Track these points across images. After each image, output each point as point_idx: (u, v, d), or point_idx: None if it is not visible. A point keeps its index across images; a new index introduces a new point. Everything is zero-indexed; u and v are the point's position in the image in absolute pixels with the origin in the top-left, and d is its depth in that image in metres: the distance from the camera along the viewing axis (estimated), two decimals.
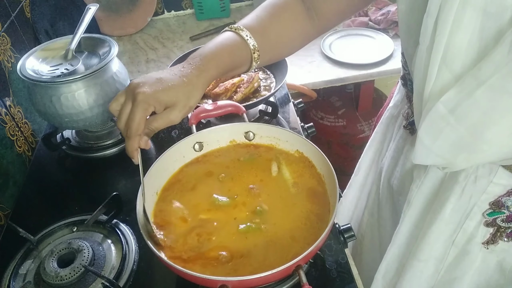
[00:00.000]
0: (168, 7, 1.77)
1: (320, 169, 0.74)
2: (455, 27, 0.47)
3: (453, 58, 0.49)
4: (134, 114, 0.57)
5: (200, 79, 0.62)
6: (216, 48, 0.65)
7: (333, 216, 0.62)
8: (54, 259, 0.71)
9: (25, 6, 1.17)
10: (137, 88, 0.57)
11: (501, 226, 0.62)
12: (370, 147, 0.97)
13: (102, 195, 0.80)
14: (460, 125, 0.51)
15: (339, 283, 0.68)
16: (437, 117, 0.52)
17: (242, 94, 1.00)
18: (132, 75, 1.43)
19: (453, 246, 0.68)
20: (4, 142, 0.92)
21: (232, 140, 0.82)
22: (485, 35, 0.46)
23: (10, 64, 1.02)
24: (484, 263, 0.67)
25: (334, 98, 1.76)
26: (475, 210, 0.63)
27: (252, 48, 0.67)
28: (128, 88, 0.59)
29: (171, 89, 0.59)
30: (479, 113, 0.49)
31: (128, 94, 0.59)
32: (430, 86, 0.52)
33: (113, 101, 0.60)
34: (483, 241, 0.65)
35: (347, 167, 1.74)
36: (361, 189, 1.02)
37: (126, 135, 0.59)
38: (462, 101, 0.49)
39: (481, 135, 0.50)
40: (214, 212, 0.70)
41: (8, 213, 0.89)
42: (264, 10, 0.72)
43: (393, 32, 1.54)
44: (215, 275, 0.59)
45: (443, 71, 0.50)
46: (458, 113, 0.50)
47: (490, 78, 0.46)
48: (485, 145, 0.51)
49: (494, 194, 0.61)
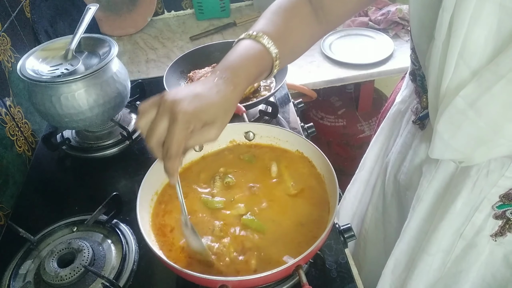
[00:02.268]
0: (168, 7, 1.77)
1: (320, 169, 0.74)
2: (473, 21, 0.47)
3: (471, 53, 0.49)
4: (175, 135, 0.51)
5: (235, 94, 0.57)
6: (243, 60, 0.61)
7: (333, 216, 0.62)
8: (54, 259, 0.71)
9: (25, 6, 1.17)
10: (176, 106, 0.51)
11: (510, 218, 0.63)
12: (376, 143, 0.97)
13: (102, 195, 0.80)
14: (480, 119, 0.51)
15: (339, 283, 0.68)
16: (456, 111, 0.52)
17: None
18: (132, 75, 1.43)
19: (461, 239, 0.68)
20: (4, 142, 0.92)
21: (232, 140, 0.82)
22: (502, 31, 0.47)
23: (10, 64, 1.02)
24: (491, 256, 0.67)
25: (334, 98, 1.76)
26: (484, 203, 0.64)
27: (274, 56, 0.64)
28: (163, 104, 0.53)
29: (212, 107, 0.54)
30: (498, 107, 0.49)
31: (164, 111, 0.52)
32: (447, 81, 0.52)
33: (142, 117, 0.54)
34: (492, 234, 0.65)
35: (347, 167, 1.74)
36: (366, 184, 1.03)
37: (166, 155, 0.53)
38: (481, 95, 0.50)
39: (501, 129, 0.51)
40: (214, 211, 0.70)
41: (8, 213, 0.89)
42: (276, 14, 0.68)
43: (393, 32, 1.53)
44: (215, 275, 0.60)
45: (461, 66, 0.50)
46: (477, 107, 0.51)
47: (508, 72, 0.46)
48: (504, 139, 0.51)
49: (505, 187, 0.61)
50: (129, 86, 0.99)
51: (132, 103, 1.09)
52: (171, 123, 0.52)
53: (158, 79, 1.09)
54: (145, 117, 0.54)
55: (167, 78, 1.02)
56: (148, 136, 0.54)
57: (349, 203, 1.09)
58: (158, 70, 1.46)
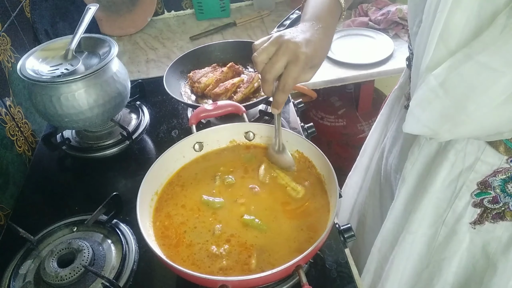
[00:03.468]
0: (168, 7, 1.77)
1: (320, 169, 0.74)
2: (455, 5, 0.49)
3: (450, 35, 0.51)
4: (294, 72, 0.60)
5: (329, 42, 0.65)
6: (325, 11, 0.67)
7: (333, 216, 0.62)
8: (54, 259, 0.71)
9: (25, 6, 1.17)
10: (299, 48, 0.59)
11: (487, 207, 0.65)
12: (376, 129, 0.99)
13: (102, 195, 0.80)
14: (447, 97, 0.53)
15: (339, 283, 0.68)
16: (428, 89, 0.55)
17: (242, 94, 1.00)
18: (132, 75, 1.43)
19: (443, 226, 0.71)
20: (4, 142, 0.92)
21: (232, 140, 0.82)
22: (482, 15, 0.48)
23: (10, 64, 1.02)
24: (472, 244, 0.70)
25: (334, 98, 1.76)
26: (464, 190, 0.66)
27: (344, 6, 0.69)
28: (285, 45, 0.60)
29: (321, 52, 0.63)
30: (464, 87, 0.51)
31: (286, 51, 0.59)
32: (427, 61, 0.55)
33: (263, 51, 0.61)
34: (471, 221, 0.68)
35: (347, 167, 1.74)
36: (366, 170, 1.04)
37: (282, 89, 0.62)
38: (451, 74, 0.52)
39: (464, 108, 0.52)
40: (213, 211, 0.70)
41: (8, 213, 0.89)
42: None
43: (393, 32, 1.53)
44: (215, 275, 0.60)
45: (440, 46, 0.53)
46: (446, 86, 0.53)
47: (478, 55, 0.49)
48: (467, 117, 0.53)
49: (482, 174, 0.64)
50: (129, 86, 0.99)
51: (132, 103, 1.09)
52: (293, 63, 0.60)
53: (158, 79, 1.09)
54: (265, 53, 0.61)
55: (167, 78, 1.02)
56: (266, 71, 0.61)
57: (351, 190, 1.11)
58: (158, 70, 1.46)
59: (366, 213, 1.03)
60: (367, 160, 1.03)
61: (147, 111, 1.10)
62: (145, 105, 1.11)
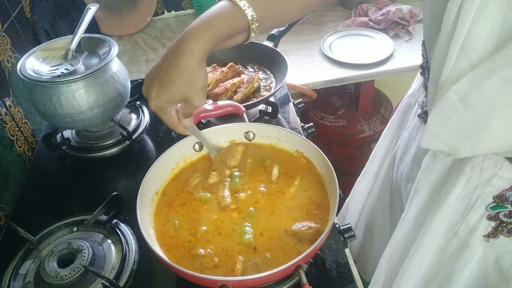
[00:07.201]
0: (168, 7, 1.77)
1: (320, 169, 0.74)
2: (478, 15, 0.47)
3: (472, 46, 0.49)
4: (163, 120, 0.65)
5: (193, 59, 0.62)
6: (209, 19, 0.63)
7: (333, 216, 0.62)
8: (54, 259, 0.71)
9: (25, 6, 1.17)
10: (149, 103, 0.63)
11: (503, 220, 0.63)
12: (387, 135, 0.98)
13: (102, 195, 0.80)
14: (468, 113, 0.52)
15: (339, 283, 0.68)
16: (448, 104, 0.53)
17: (242, 94, 1.00)
18: (132, 75, 1.43)
19: (455, 237, 0.69)
20: (4, 142, 0.92)
21: (232, 140, 0.82)
22: (506, 27, 0.47)
23: (10, 64, 1.02)
24: (484, 257, 0.68)
25: (334, 98, 1.76)
26: (479, 202, 0.64)
27: (251, 18, 0.62)
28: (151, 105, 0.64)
29: (174, 88, 0.61)
30: (486, 103, 0.50)
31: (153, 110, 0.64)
32: (447, 73, 0.52)
33: None
34: (484, 234, 0.66)
35: (347, 167, 1.74)
36: (376, 176, 1.04)
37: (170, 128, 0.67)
38: (473, 90, 0.50)
39: (486, 125, 0.51)
40: (213, 211, 0.70)
41: (8, 213, 0.89)
42: None
43: (393, 32, 1.53)
44: (215, 274, 0.60)
45: (461, 58, 0.51)
46: (467, 102, 0.51)
47: (501, 70, 0.47)
48: (489, 135, 0.52)
49: (498, 188, 0.62)
50: (129, 86, 0.99)
51: (132, 103, 1.09)
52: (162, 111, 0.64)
53: None
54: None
55: None
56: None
57: (359, 195, 1.10)
58: None
59: (374, 219, 1.02)
60: (377, 166, 1.02)
61: (147, 111, 1.10)
62: (145, 105, 1.11)
